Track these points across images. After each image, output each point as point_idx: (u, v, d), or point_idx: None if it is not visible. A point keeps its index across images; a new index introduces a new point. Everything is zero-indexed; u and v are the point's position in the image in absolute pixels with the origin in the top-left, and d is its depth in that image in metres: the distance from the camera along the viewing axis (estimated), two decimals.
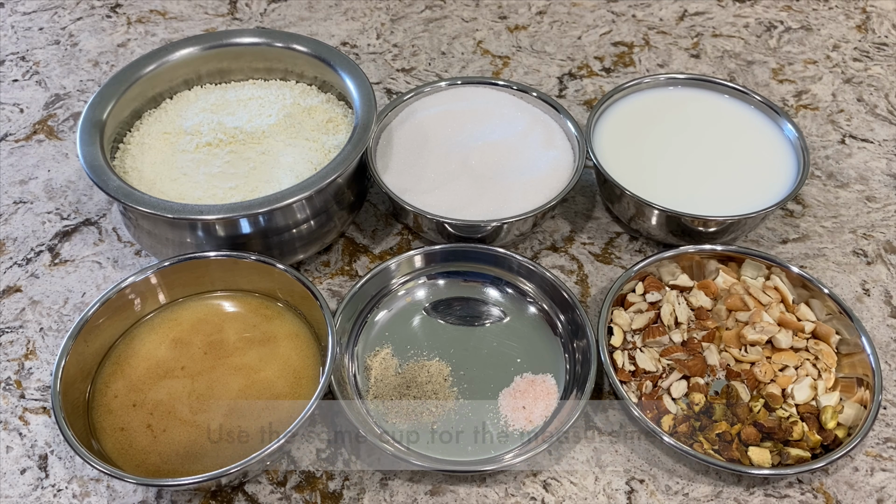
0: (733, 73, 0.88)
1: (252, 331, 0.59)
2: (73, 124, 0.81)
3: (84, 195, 0.74)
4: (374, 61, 0.89)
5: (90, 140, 0.63)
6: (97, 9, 0.96)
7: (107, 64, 0.89)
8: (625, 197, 0.66)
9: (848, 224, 0.72)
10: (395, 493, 0.55)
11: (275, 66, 0.74)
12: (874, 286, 0.67)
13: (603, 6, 0.97)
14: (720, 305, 0.62)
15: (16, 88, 0.86)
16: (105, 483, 0.55)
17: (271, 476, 0.55)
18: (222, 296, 0.62)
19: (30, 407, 0.59)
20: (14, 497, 0.54)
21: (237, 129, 0.66)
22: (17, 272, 0.68)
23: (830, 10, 0.97)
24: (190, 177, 0.64)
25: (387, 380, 0.59)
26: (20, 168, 0.77)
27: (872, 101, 0.84)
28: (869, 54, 0.91)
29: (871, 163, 0.78)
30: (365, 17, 0.95)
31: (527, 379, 0.59)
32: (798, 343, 0.59)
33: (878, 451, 0.57)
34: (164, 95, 0.72)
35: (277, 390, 0.56)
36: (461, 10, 0.96)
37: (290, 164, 0.65)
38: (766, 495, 0.54)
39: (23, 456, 0.57)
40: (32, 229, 0.71)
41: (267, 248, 0.62)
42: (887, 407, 0.60)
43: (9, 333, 0.64)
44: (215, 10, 0.96)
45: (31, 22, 0.95)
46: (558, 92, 0.85)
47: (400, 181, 0.67)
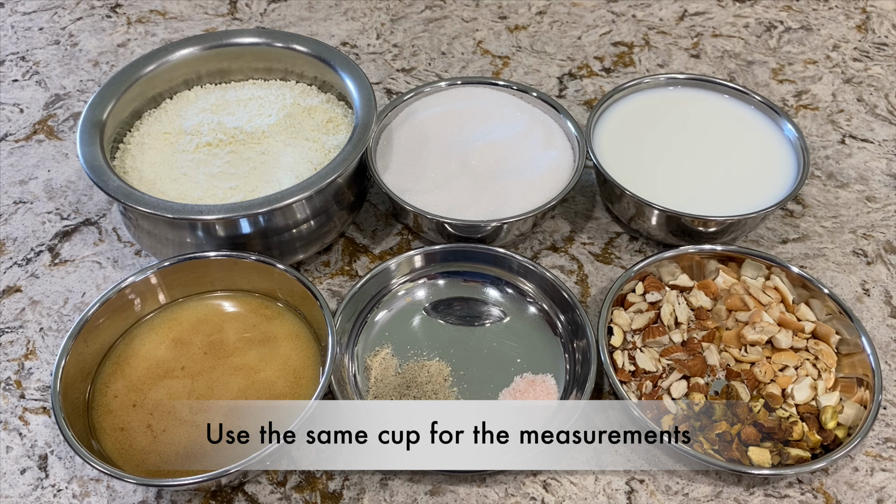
0: (733, 73, 0.88)
1: (252, 331, 0.59)
2: (73, 124, 0.81)
3: (84, 195, 0.74)
4: (374, 61, 0.89)
5: (90, 140, 0.63)
6: (97, 9, 0.96)
7: (107, 64, 0.89)
8: (625, 197, 0.66)
9: (848, 224, 0.72)
10: (395, 493, 0.55)
11: (275, 66, 0.74)
12: (874, 286, 0.67)
13: (603, 6, 0.97)
14: (720, 305, 0.62)
15: (16, 88, 0.86)
16: (105, 483, 0.55)
17: (271, 476, 0.55)
18: (222, 296, 0.62)
19: (30, 407, 0.59)
20: (14, 497, 0.54)
21: (237, 129, 0.66)
22: (17, 272, 0.68)
23: (830, 10, 0.97)
24: (190, 177, 0.64)
25: (387, 380, 0.59)
26: (20, 168, 0.77)
27: (872, 101, 0.84)
28: (869, 54, 0.91)
29: (871, 163, 0.78)
30: (365, 18, 0.95)
31: (527, 379, 0.59)
32: (798, 343, 0.59)
33: (877, 452, 0.57)
34: (164, 95, 0.72)
35: (277, 390, 0.56)
36: (461, 10, 0.96)
37: (290, 164, 0.65)
38: (766, 495, 0.54)
39: (23, 456, 0.56)
40: (32, 229, 0.71)
41: (267, 248, 0.62)
42: (887, 407, 0.60)
43: (9, 333, 0.64)
44: (215, 10, 0.96)
45: (31, 22, 0.95)
46: (558, 92, 0.85)
47: (400, 181, 0.67)
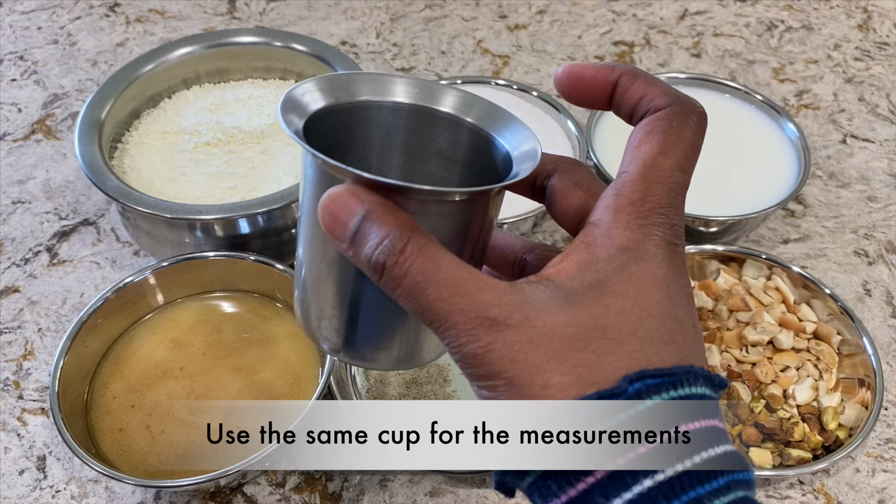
0: (734, 73, 0.88)
1: (251, 331, 0.59)
2: (71, 124, 0.81)
3: (82, 195, 0.74)
4: (373, 60, 0.89)
5: (88, 140, 0.63)
6: (96, 8, 0.96)
7: (105, 63, 0.89)
8: None
9: (849, 224, 0.72)
10: (395, 494, 0.54)
11: (274, 65, 0.73)
12: (875, 286, 0.67)
13: (603, 5, 0.97)
14: (721, 306, 0.62)
15: (14, 88, 0.85)
16: (103, 484, 0.55)
17: (270, 477, 0.55)
18: (221, 296, 0.62)
19: (28, 408, 0.59)
20: (12, 498, 0.54)
21: (236, 128, 0.65)
22: (15, 272, 0.68)
23: (831, 10, 0.97)
24: (188, 177, 0.64)
25: (386, 380, 0.59)
26: (18, 168, 0.76)
27: (874, 101, 0.84)
28: (870, 54, 0.90)
29: (873, 163, 0.77)
30: (364, 17, 0.95)
31: None
32: (799, 343, 0.59)
33: (879, 452, 0.57)
34: (162, 95, 0.71)
35: (276, 391, 0.56)
36: (461, 10, 0.96)
37: (290, 163, 0.64)
38: (767, 496, 0.54)
39: (21, 457, 0.56)
40: (31, 229, 0.71)
41: (266, 248, 0.62)
42: (888, 408, 0.59)
43: (7, 334, 0.63)
44: (214, 10, 0.95)
45: (30, 21, 0.94)
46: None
47: None
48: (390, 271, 0.26)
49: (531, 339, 0.25)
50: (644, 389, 0.24)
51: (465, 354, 0.26)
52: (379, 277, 0.26)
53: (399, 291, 0.26)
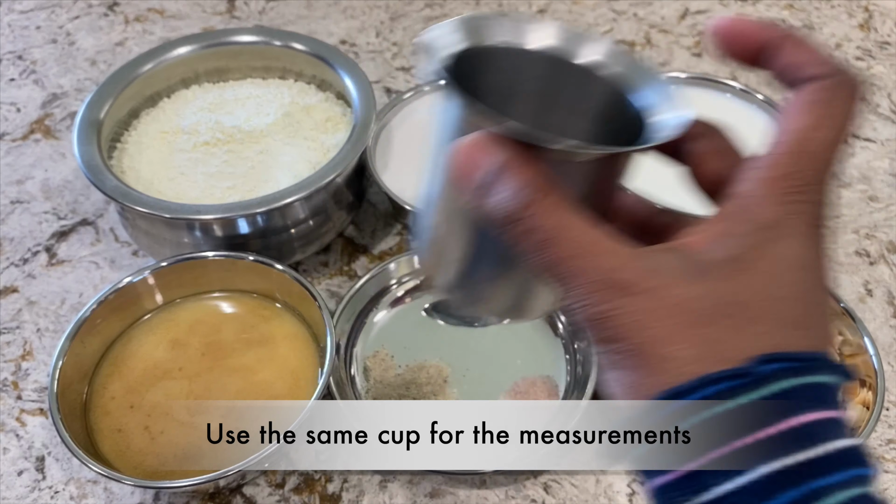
0: (735, 72, 0.87)
1: (250, 332, 0.59)
2: (70, 124, 0.81)
3: (81, 195, 0.74)
4: (373, 60, 0.88)
5: (87, 139, 0.62)
6: (94, 7, 0.96)
7: (104, 63, 0.88)
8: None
9: (850, 224, 0.72)
10: (395, 495, 0.54)
11: (273, 64, 0.73)
12: (877, 287, 0.67)
13: (604, 4, 0.96)
14: None
15: (12, 87, 0.85)
16: (102, 485, 0.55)
17: (270, 478, 0.55)
18: (220, 296, 0.62)
19: (27, 408, 0.59)
20: (11, 499, 0.54)
21: (235, 128, 0.65)
22: (13, 272, 0.68)
23: (833, 9, 0.97)
24: (187, 176, 0.64)
25: (386, 381, 0.58)
26: (17, 168, 0.76)
27: (875, 101, 0.84)
28: (871, 53, 0.90)
29: (874, 162, 0.77)
30: (364, 16, 0.94)
31: (527, 380, 0.58)
32: None
33: (880, 453, 0.56)
34: (161, 94, 0.71)
35: (276, 391, 0.55)
36: (461, 9, 0.96)
37: (289, 163, 0.64)
38: None
39: (20, 458, 0.56)
40: (29, 229, 0.71)
41: (265, 248, 0.62)
42: (890, 408, 0.59)
43: (6, 334, 0.63)
44: (213, 9, 0.95)
45: (28, 20, 0.94)
46: None
47: (400, 181, 0.67)
48: (523, 224, 0.25)
49: (659, 308, 0.24)
50: (772, 373, 0.24)
51: (590, 315, 0.25)
52: (509, 228, 0.25)
53: (527, 245, 0.25)
